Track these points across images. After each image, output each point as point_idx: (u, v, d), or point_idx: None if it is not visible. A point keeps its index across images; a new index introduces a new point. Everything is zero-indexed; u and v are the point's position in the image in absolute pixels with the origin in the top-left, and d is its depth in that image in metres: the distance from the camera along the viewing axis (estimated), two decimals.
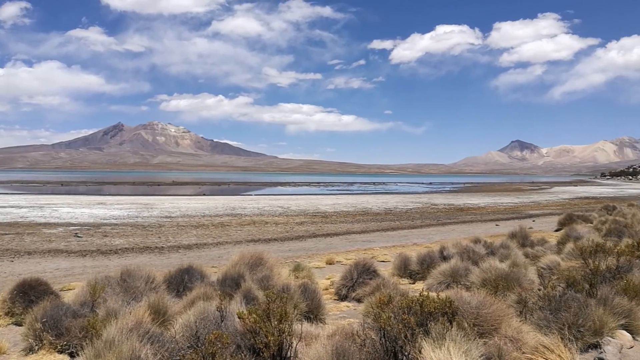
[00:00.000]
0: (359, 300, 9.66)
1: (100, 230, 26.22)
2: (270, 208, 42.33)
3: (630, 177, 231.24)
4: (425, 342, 4.74)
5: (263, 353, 4.91)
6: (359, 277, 10.40)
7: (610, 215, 26.03)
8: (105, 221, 30.35)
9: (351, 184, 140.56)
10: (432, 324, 5.09)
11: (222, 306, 5.57)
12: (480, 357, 4.76)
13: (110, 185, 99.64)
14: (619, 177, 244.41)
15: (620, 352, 5.95)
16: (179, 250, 20.35)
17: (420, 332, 4.94)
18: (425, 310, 5.19)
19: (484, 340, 5.41)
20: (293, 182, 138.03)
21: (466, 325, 5.63)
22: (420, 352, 4.65)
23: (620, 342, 6.20)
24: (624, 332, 6.48)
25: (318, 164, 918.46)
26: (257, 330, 5.05)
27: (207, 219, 32.64)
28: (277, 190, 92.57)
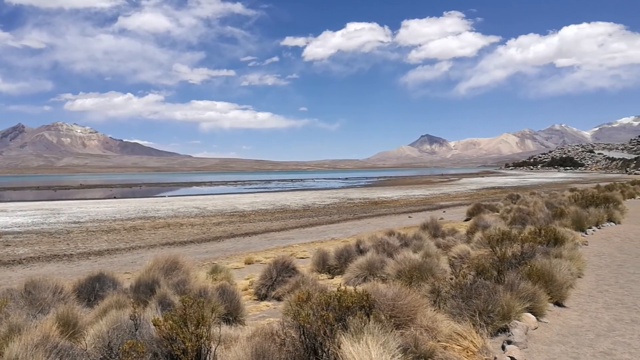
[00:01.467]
0: (279, 299, 9.65)
1: (1, 239, 24.52)
2: (185, 209, 41.35)
3: (532, 167, 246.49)
4: (344, 337, 4.79)
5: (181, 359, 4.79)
6: (279, 276, 10.39)
7: (515, 203, 27.60)
8: (6, 229, 28.42)
9: (269, 181, 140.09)
10: (351, 318, 5.15)
11: (136, 314, 5.36)
12: (397, 348, 4.85)
13: (11, 191, 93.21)
14: (521, 167, 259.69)
15: (526, 334, 6.30)
16: (90, 257, 19.44)
17: (339, 327, 4.98)
18: (343, 305, 5.25)
19: (401, 331, 5.54)
20: (209, 182, 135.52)
21: (383, 317, 5.75)
22: (339, 347, 4.68)
23: (526, 324, 6.57)
24: (530, 314, 6.88)
25: (234, 162, 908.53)
26: (174, 336, 4.90)
27: (118, 223, 31.39)
28: (192, 190, 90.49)
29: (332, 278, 12.20)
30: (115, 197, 65.26)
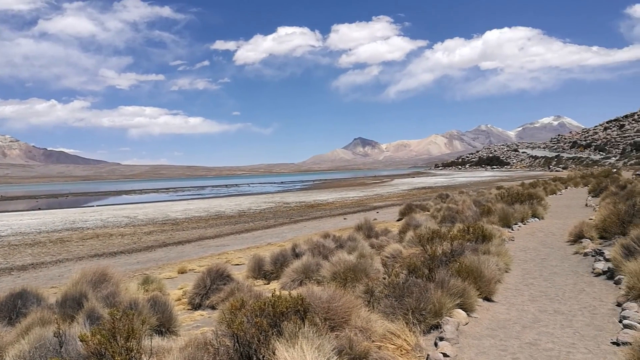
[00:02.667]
0: (213, 308, 9.49)
1: None
2: (114, 219, 39.98)
3: (460, 167, 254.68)
4: (278, 343, 4.76)
5: None
6: (213, 284, 10.22)
7: (444, 203, 28.42)
8: None
9: (202, 187, 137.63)
10: (285, 323, 5.13)
11: (61, 330, 5.12)
12: (332, 350, 4.86)
13: None
14: (450, 167, 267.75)
15: (457, 330, 6.49)
16: (12, 273, 18.43)
17: (274, 333, 4.95)
18: (278, 310, 5.22)
19: (336, 333, 5.57)
20: (139, 190, 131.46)
21: (318, 320, 5.76)
22: (274, 353, 4.65)
23: (457, 320, 6.76)
24: (460, 310, 7.08)
25: (166, 169, 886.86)
26: (103, 351, 4.72)
27: (44, 236, 29.94)
28: (121, 199, 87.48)
29: (268, 283, 12.13)
30: (40, 209, 62.18)
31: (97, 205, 65.67)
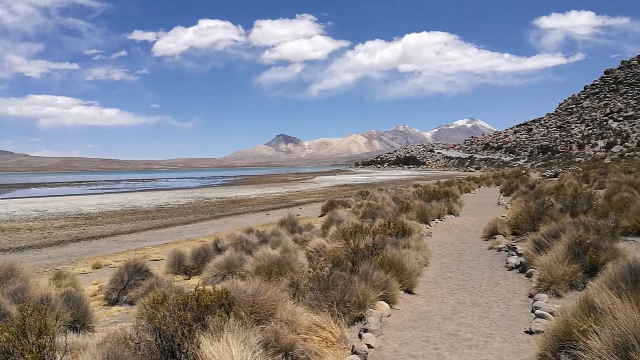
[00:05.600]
0: (131, 303, 9.13)
1: None
2: (22, 212, 37.65)
3: (379, 165, 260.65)
4: (203, 337, 4.64)
5: None
6: (131, 279, 9.83)
7: (365, 199, 28.91)
8: None
9: (117, 181, 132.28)
10: (210, 317, 5.00)
11: None
12: (258, 343, 4.80)
13: None
14: (369, 166, 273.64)
15: (381, 321, 6.59)
16: None
17: (198, 327, 4.82)
18: (202, 304, 5.08)
19: (262, 326, 5.50)
20: (50, 182, 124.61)
21: (243, 314, 5.67)
22: (199, 347, 4.52)
23: (380, 312, 6.87)
24: (383, 302, 7.20)
25: (79, 162, 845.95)
26: (11, 349, 4.39)
27: None
28: (30, 192, 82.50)
29: (189, 279, 11.84)
30: None
31: (2, 198, 61.51)
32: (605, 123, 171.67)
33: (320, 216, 26.49)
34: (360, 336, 6.12)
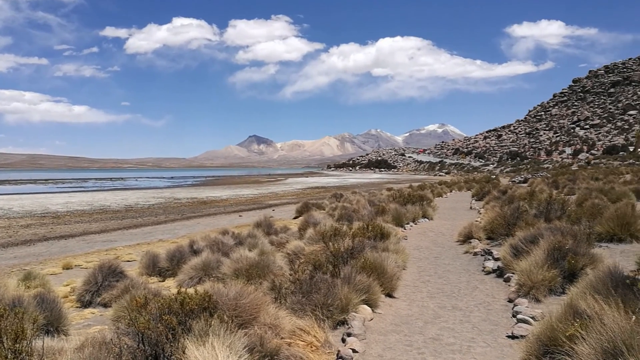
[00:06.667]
0: (105, 305, 8.90)
1: None
2: None
3: (351, 168, 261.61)
4: (188, 341, 4.52)
5: None
6: (105, 280, 9.58)
7: (339, 202, 28.91)
8: None
9: (85, 180, 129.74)
10: (194, 321, 4.88)
11: None
12: (244, 348, 4.69)
13: None
14: (341, 168, 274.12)
15: (364, 325, 6.53)
16: None
17: (183, 331, 4.69)
18: (187, 308, 4.95)
19: (245, 330, 5.39)
20: (14, 180, 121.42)
21: (226, 317, 5.55)
22: (184, 352, 4.40)
23: (363, 316, 6.81)
24: (366, 306, 7.14)
25: (45, 159, 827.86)
26: None
27: None
28: None
29: (164, 281, 11.62)
30: None
31: None
32: (572, 131, 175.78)
33: (295, 218, 26.36)
34: (343, 340, 6.06)
